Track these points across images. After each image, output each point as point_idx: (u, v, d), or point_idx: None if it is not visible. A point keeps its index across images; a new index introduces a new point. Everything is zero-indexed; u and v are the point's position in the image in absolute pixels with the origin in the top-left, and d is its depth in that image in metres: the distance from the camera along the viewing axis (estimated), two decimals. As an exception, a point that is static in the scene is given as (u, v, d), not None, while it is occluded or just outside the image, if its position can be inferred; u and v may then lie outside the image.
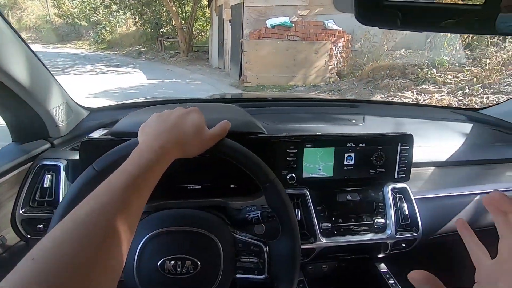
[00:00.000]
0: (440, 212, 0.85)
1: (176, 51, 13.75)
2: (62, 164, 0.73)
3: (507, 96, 3.87)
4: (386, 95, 5.11)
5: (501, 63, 4.47)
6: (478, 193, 0.88)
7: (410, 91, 4.95)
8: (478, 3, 0.53)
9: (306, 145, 0.76)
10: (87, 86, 7.27)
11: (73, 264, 0.27)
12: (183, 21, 13.55)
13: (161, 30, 15.05)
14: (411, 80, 5.22)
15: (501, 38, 4.80)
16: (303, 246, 0.74)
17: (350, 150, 0.79)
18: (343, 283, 0.93)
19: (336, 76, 7.36)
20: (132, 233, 0.36)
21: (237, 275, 0.50)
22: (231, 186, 0.79)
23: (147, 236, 0.47)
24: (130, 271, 0.45)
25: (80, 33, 21.11)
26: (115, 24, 18.01)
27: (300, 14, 7.93)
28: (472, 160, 0.97)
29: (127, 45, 17.41)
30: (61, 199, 0.70)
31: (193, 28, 14.06)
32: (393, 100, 4.61)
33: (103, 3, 16.18)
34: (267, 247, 0.52)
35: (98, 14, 17.89)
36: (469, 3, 0.62)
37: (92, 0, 16.61)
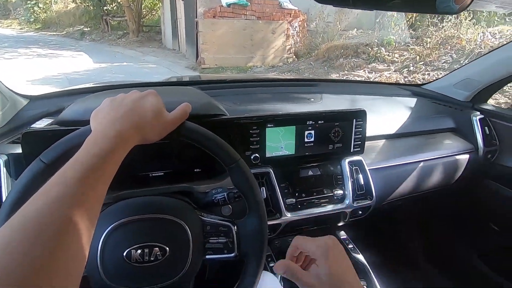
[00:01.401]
0: (390, 180, 0.94)
1: (125, 32, 12.70)
2: (1, 160, 0.65)
3: (444, 72, 4.27)
4: (340, 74, 5.33)
5: (439, 42, 4.89)
6: (421, 161, 0.98)
7: (362, 70, 5.22)
8: None
9: (268, 125, 0.77)
10: (22, 72, 6.46)
11: (26, 263, 0.25)
12: (130, -2, 12.45)
13: (105, 8, 13.67)
14: (363, 59, 5.49)
15: (439, 18, 5.22)
16: (269, 222, 0.77)
17: (310, 128, 0.82)
18: (308, 253, 0.99)
19: (294, 57, 7.45)
20: (92, 227, 0.34)
21: (207, 256, 0.51)
22: (195, 170, 0.78)
23: (109, 228, 0.45)
24: (94, 265, 0.43)
25: (7, 10, 18.38)
26: (49, 1, 15.96)
27: (256, -8, 7.76)
28: (416, 131, 1.07)
29: (66, 25, 15.62)
30: (4, 198, 0.63)
31: (142, 6, 13.02)
32: (347, 79, 4.83)
33: (33, -24, 14.17)
34: (235, 227, 0.53)
35: (27, -12, 15.67)
36: None
37: (18, -29, 14.41)
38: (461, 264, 1.26)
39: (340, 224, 0.92)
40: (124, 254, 0.44)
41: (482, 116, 1.09)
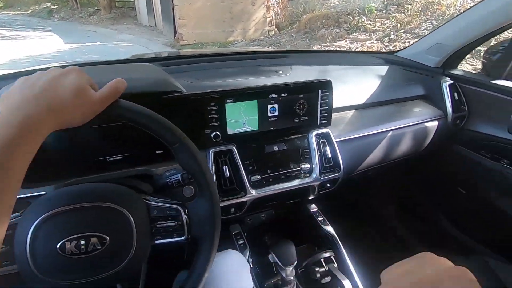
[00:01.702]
0: (359, 151, 0.93)
1: (96, 8, 11.91)
2: None
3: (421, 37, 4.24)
4: (322, 46, 5.21)
5: (420, 9, 4.80)
6: (390, 130, 0.97)
7: (344, 40, 5.12)
8: None
9: (227, 100, 0.73)
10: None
11: None
12: (98, -29, 11.56)
13: (72, -18, 12.70)
14: (344, 29, 5.37)
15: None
16: (234, 201, 0.76)
17: (273, 101, 0.78)
18: (280, 227, 1.00)
19: (275, 29, 7.21)
20: (5, 221, 0.30)
21: (156, 241, 0.49)
22: (156, 152, 0.74)
23: (39, 219, 0.41)
24: (24, 260, 0.40)
25: (-38, -12, 16.79)
26: (9, -24, 14.65)
27: (233, -40, 7.31)
28: (386, 100, 1.05)
29: (32, 3, 14.50)
30: None
31: (112, -21, 12.12)
32: (319, 49, 4.74)
33: None
34: (186, 209, 0.50)
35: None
36: None
37: None
38: (431, 227, 1.30)
39: (310, 197, 0.91)
40: (58, 246, 0.41)
41: (452, 82, 1.08)
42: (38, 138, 0.36)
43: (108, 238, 0.43)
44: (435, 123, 1.05)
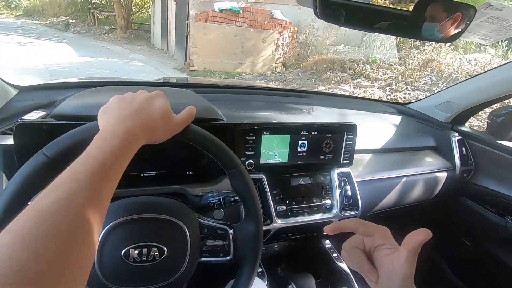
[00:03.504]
0: (375, 192, 0.98)
1: (112, 27, 12.44)
2: (-11, 150, 0.63)
3: (424, 93, 4.50)
4: (327, 87, 5.48)
5: (420, 64, 5.15)
6: (404, 176, 1.03)
7: (348, 84, 5.40)
8: (407, 9, 0.62)
9: (264, 133, 0.79)
10: (-1, 60, 6.15)
11: (42, 258, 0.25)
12: (120, -7, 12.24)
13: (93, 1, 13.37)
14: (348, 74, 5.68)
15: (421, 42, 5.51)
16: (261, 229, 0.79)
17: (304, 138, 0.84)
18: (293, 260, 1.01)
19: (282, 66, 7.58)
20: (101, 222, 0.34)
21: (203, 259, 0.51)
22: (187, 173, 0.78)
23: (108, 226, 0.44)
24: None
25: (-14, -6, 17.50)
26: (34, -12, 15.39)
27: (249, 1, 7.86)
28: (400, 148, 1.13)
29: (50, 15, 15.08)
30: None
31: (132, 2, 12.82)
32: (337, 93, 4.97)
33: (18, -39, 13.61)
34: (232, 230, 0.54)
35: (10, -26, 15.03)
36: (400, 8, 0.71)
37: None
38: (434, 277, 1.32)
39: (325, 233, 0.94)
40: (122, 253, 0.44)
41: (460, 137, 1.17)
42: (134, 149, 0.41)
43: (166, 249, 0.46)
44: (445, 174, 1.12)
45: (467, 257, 1.23)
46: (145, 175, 0.75)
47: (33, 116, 0.73)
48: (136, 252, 0.44)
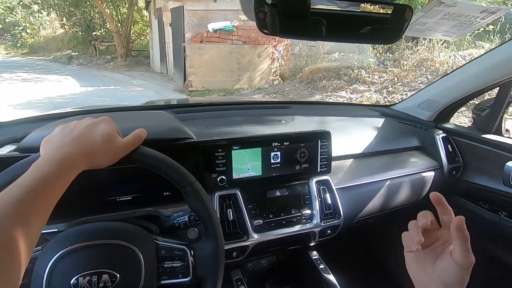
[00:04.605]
0: (358, 198, 0.96)
1: (113, 56, 12.86)
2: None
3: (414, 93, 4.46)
4: (324, 95, 5.49)
5: (415, 64, 5.15)
6: (388, 179, 1.01)
7: (345, 91, 5.41)
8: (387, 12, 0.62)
9: (234, 147, 0.79)
10: (4, 97, 6.38)
11: None
12: (119, 24, 12.72)
13: (94, 33, 13.91)
14: (344, 80, 5.70)
15: (414, 42, 5.53)
16: (237, 245, 0.77)
17: (276, 149, 0.84)
18: (281, 275, 0.98)
19: (279, 79, 7.67)
20: (29, 252, 0.34)
21: (162, 282, 0.51)
22: (164, 194, 0.78)
23: (57, 255, 0.44)
24: None
25: (-7, 35, 18.42)
26: (37, 26, 16.12)
27: (241, 19, 8.06)
28: (383, 150, 1.11)
29: (54, 50, 15.72)
30: None
31: (131, 31, 13.30)
32: (321, 100, 4.98)
33: (21, 3, 14.33)
34: (192, 250, 0.53)
35: (15, 15, 15.80)
36: (380, 12, 0.72)
37: (7, -2, 14.57)
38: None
39: (312, 244, 0.92)
40: (71, 282, 0.44)
41: (445, 134, 1.14)
42: (72, 175, 0.41)
43: (118, 275, 0.46)
44: (432, 173, 1.09)
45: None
46: (121, 199, 0.75)
47: (4, 150, 0.74)
48: (86, 279, 0.44)
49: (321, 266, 0.92)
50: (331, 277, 0.89)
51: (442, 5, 0.68)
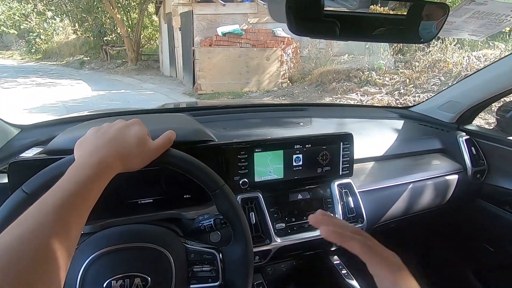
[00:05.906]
0: (381, 202, 0.94)
1: (124, 60, 13.09)
2: (-14, 190, 0.65)
3: (434, 94, 4.38)
4: (334, 98, 5.45)
5: (427, 66, 5.07)
6: (411, 182, 0.99)
7: (355, 93, 5.35)
8: (402, 13, 0.61)
9: (256, 150, 0.79)
10: (20, 101, 6.55)
11: None
12: (129, 29, 12.95)
13: (105, 38, 14.18)
14: (355, 83, 5.65)
15: (426, 44, 5.45)
16: (259, 249, 0.76)
17: (298, 152, 0.83)
18: (301, 279, 0.97)
19: (288, 81, 7.65)
20: (70, 256, 0.34)
21: (191, 286, 0.50)
22: (184, 196, 0.78)
23: (89, 258, 0.44)
24: None
25: (8, 42, 18.95)
26: (51, 32, 16.53)
27: (250, 22, 8.11)
28: (404, 153, 1.09)
29: (67, 55, 16.09)
30: None
31: (141, 36, 13.51)
32: (337, 102, 4.94)
33: (35, 10, 14.71)
34: (220, 254, 0.52)
35: (29, 21, 16.24)
36: (395, 13, 0.70)
37: (21, 5, 14.94)
38: (457, 284, 1.22)
39: (333, 249, 0.90)
40: (104, 285, 0.43)
41: (468, 136, 1.11)
42: (108, 178, 0.41)
43: (149, 279, 0.45)
44: (455, 176, 1.06)
45: (493, 265, 1.13)
46: (142, 202, 0.75)
47: (31, 153, 0.75)
48: (119, 283, 0.44)
49: (343, 272, 0.90)
50: (354, 283, 0.87)
51: (473, 3, 0.66)
